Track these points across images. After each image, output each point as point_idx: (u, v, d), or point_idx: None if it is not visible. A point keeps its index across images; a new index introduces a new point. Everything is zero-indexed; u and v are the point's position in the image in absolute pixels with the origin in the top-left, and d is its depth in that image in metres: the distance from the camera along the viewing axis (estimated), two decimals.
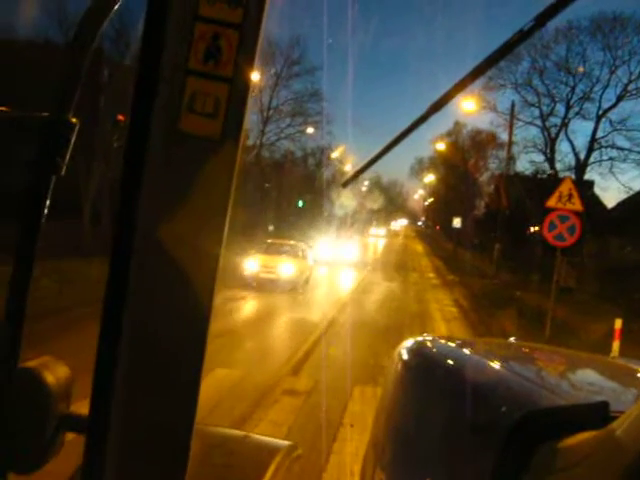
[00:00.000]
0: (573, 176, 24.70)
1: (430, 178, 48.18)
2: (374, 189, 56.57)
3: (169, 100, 0.64)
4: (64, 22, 18.15)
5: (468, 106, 23.64)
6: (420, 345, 1.71)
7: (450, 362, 1.46)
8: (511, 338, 2.88)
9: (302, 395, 6.49)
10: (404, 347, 1.62)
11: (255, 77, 0.68)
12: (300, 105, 33.81)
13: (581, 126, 31.92)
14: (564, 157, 27.32)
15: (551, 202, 9.89)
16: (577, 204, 9.82)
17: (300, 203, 38.76)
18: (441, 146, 37.27)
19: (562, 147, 28.05)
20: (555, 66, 26.57)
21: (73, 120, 0.78)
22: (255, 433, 1.30)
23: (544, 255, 17.03)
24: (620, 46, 24.83)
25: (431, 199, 60.80)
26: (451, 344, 1.79)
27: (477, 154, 35.46)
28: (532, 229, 26.87)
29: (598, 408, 0.83)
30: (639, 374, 1.60)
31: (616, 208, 27.82)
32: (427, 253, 43.11)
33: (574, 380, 1.59)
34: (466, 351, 1.68)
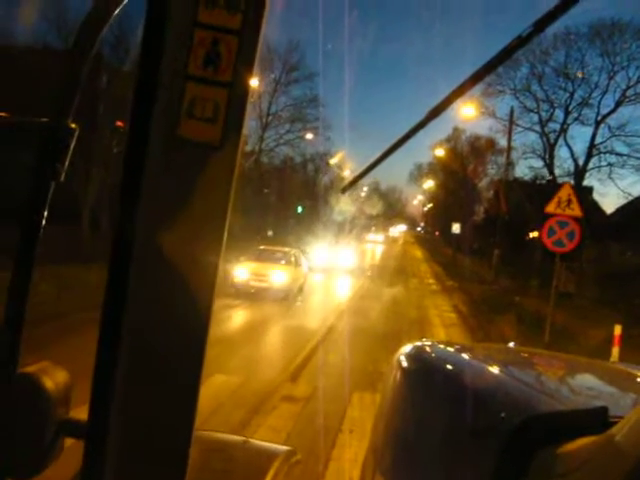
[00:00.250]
0: (572, 182, 24.69)
1: (429, 184, 48.28)
2: (373, 195, 56.78)
3: (168, 105, 0.64)
4: (63, 28, 18.17)
5: (467, 112, 23.72)
6: (419, 350, 1.71)
7: (449, 367, 1.46)
8: (510, 343, 2.87)
9: (301, 401, 6.47)
10: (403, 352, 1.61)
11: (254, 83, 0.68)
12: (299, 111, 34.01)
13: (580, 132, 31.91)
14: (563, 163, 27.30)
15: (550, 208, 9.86)
16: (576, 210, 9.79)
17: (299, 209, 38.78)
18: (440, 152, 37.38)
19: (561, 153, 27.94)
20: (554, 72, 26.57)
21: (72, 126, 0.78)
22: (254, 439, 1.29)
23: (543, 260, 17.05)
24: (618, 52, 24.84)
25: (430, 205, 60.82)
26: (450, 349, 1.78)
27: (476, 160, 35.56)
28: (531, 234, 26.90)
29: (597, 413, 0.83)
30: (638, 379, 1.59)
31: (615, 214, 27.87)
32: (426, 259, 43.10)
33: (573, 385, 1.59)
34: (465, 356, 1.67)
